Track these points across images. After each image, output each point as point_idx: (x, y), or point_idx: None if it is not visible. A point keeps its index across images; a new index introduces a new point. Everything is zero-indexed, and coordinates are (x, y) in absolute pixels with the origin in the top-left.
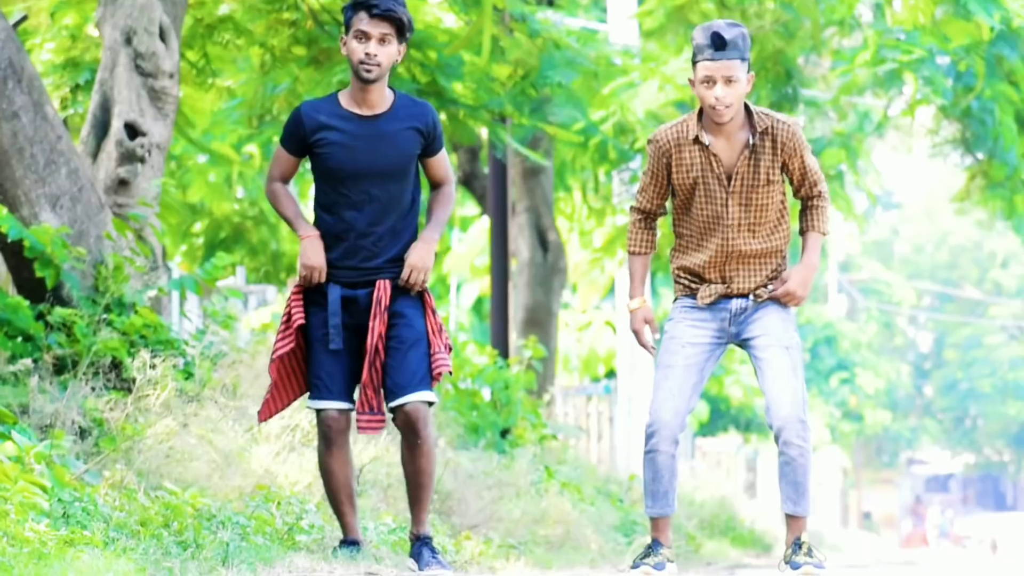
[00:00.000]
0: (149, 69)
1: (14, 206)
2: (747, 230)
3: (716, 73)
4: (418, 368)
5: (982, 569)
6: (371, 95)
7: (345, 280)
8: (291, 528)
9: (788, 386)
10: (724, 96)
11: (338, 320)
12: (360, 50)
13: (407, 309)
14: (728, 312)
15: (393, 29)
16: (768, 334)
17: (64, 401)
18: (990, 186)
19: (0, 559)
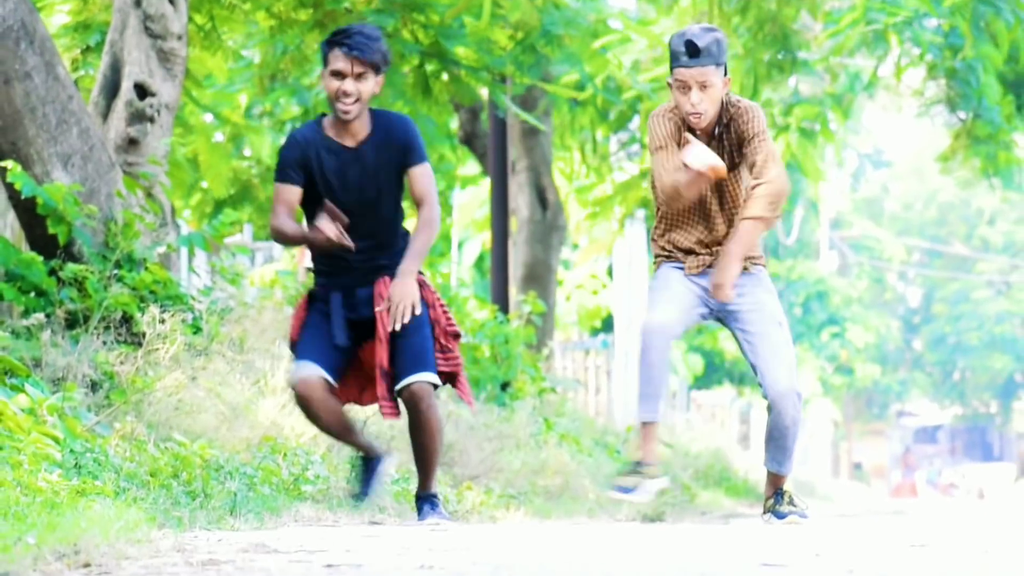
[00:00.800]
0: (158, 31)
1: (27, 164)
2: (724, 218)
3: (691, 79)
4: (420, 351)
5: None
6: (352, 126)
7: (344, 286)
8: (297, 478)
9: (785, 360)
10: (699, 102)
11: (340, 318)
12: (337, 87)
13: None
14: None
15: (368, 67)
16: (760, 310)
17: (76, 355)
18: (974, 144)
19: (14, 508)
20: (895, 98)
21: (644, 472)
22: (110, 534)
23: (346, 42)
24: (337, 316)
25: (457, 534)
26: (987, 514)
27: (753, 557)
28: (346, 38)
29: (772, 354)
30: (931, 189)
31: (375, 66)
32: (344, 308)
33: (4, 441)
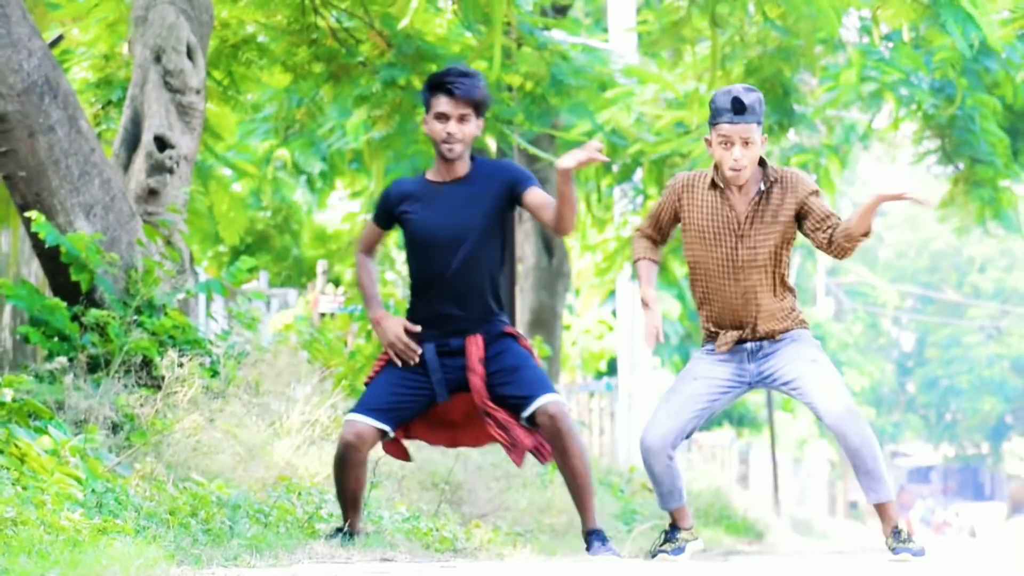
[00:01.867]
0: (177, 85)
1: (50, 214)
2: (759, 271)
3: (735, 135)
4: (536, 378)
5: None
6: (455, 167)
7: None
8: (311, 517)
9: (828, 387)
10: (741, 158)
11: (440, 375)
12: (442, 130)
13: (504, 344)
14: (745, 351)
15: (471, 108)
16: (791, 361)
17: (97, 398)
18: (973, 189)
19: (38, 546)
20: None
21: (682, 537)
22: (130, 571)
23: (449, 85)
24: (436, 372)
25: (466, 571)
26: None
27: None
28: (449, 81)
29: (815, 388)
30: (924, 238)
31: (477, 107)
32: (440, 361)
33: (28, 481)
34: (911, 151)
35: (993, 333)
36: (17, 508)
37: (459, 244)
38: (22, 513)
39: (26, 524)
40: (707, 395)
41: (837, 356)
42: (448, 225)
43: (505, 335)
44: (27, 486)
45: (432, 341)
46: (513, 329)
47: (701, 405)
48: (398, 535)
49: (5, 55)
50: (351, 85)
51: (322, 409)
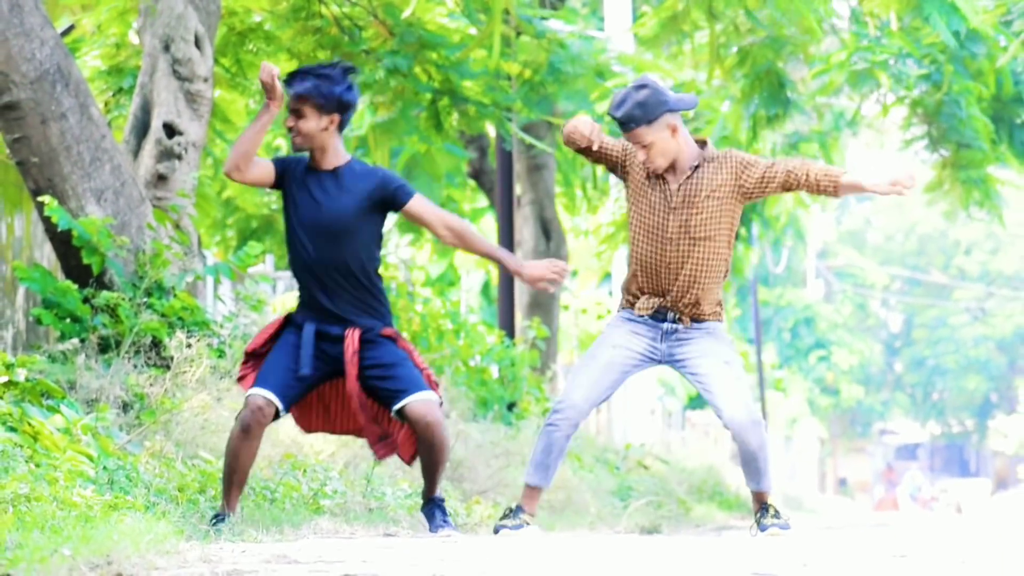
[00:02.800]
0: (185, 74)
1: (62, 199)
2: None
3: (633, 141)
4: (410, 376)
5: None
6: (324, 158)
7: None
8: (316, 493)
9: (735, 394)
10: (646, 159)
11: (310, 349)
12: (287, 122)
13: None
14: (661, 330)
15: (309, 105)
16: (705, 355)
17: (108, 377)
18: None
19: (51, 521)
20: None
21: (524, 518)
22: (140, 546)
23: (287, 82)
24: (308, 347)
25: (466, 545)
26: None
27: (744, 567)
28: (289, 78)
29: (724, 393)
30: (911, 221)
31: (319, 105)
32: (315, 340)
33: (41, 459)
34: (899, 137)
35: (978, 314)
36: (31, 485)
37: (324, 233)
38: (35, 489)
39: (39, 500)
40: (622, 365)
41: (827, 336)
42: (316, 211)
43: (384, 336)
44: (40, 463)
45: (313, 322)
46: (393, 331)
47: (615, 376)
48: (400, 511)
49: (18, 44)
50: None
51: None
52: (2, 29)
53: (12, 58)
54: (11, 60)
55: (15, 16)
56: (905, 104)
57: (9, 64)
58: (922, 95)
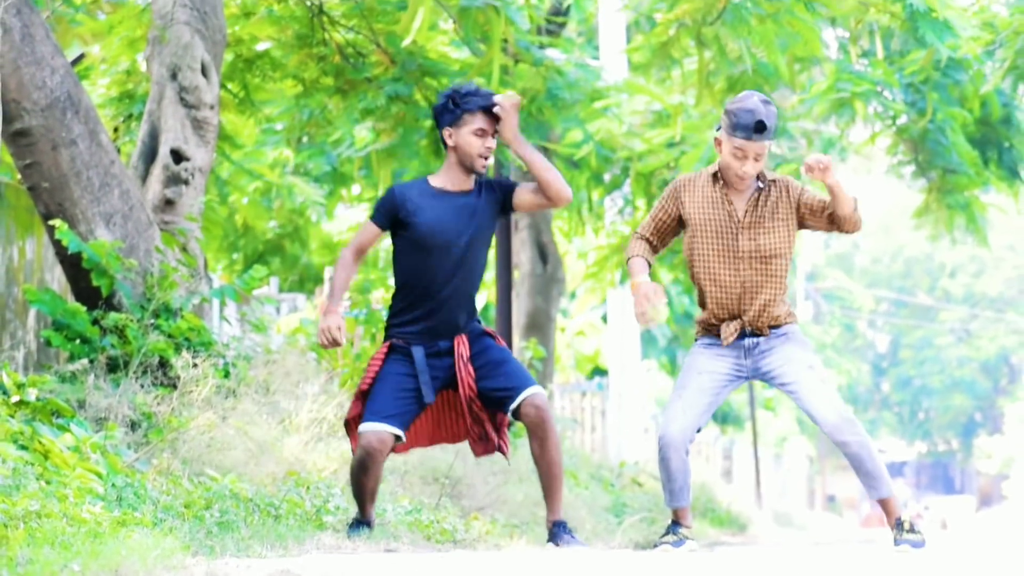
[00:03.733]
0: (192, 101)
1: (72, 223)
2: (759, 264)
3: (750, 151)
4: (520, 372)
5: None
6: (468, 180)
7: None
8: (319, 510)
9: (825, 396)
10: (751, 170)
11: (427, 376)
12: (480, 144)
13: (486, 342)
14: (743, 347)
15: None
16: (788, 362)
17: (117, 397)
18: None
19: (60, 537)
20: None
21: (683, 533)
22: (148, 561)
23: (491, 107)
24: (424, 374)
25: (465, 561)
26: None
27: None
28: (491, 103)
29: (813, 398)
30: (898, 245)
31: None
32: (428, 362)
33: (51, 476)
34: (885, 162)
35: (963, 335)
36: (41, 501)
37: (461, 250)
38: (46, 506)
39: (50, 517)
40: (712, 389)
41: None
42: (454, 231)
43: (485, 334)
44: (50, 481)
45: (421, 344)
46: (490, 328)
47: (709, 399)
48: (401, 527)
49: (30, 72)
50: (358, 98)
51: (329, 407)
52: (14, 58)
53: (24, 86)
54: (23, 88)
55: (27, 45)
56: (891, 133)
57: (21, 92)
58: (907, 124)
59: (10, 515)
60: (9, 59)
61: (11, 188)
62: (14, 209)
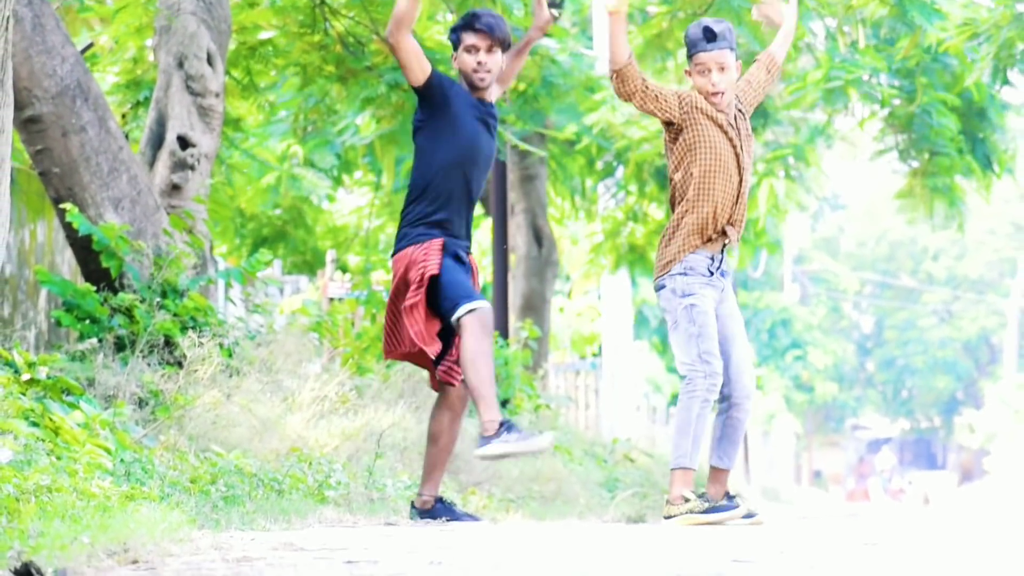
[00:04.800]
0: (198, 89)
1: (82, 207)
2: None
3: (711, 62)
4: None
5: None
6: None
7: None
8: (320, 485)
9: (750, 362)
10: (719, 82)
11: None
12: (472, 60)
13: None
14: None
15: (496, 42)
16: (733, 316)
17: (125, 375)
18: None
19: (70, 511)
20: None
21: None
22: (156, 534)
23: (476, 22)
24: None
25: (462, 533)
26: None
27: (724, 554)
28: (476, 18)
29: (742, 360)
30: (882, 229)
31: (501, 42)
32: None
33: (62, 452)
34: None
35: (945, 317)
36: (52, 476)
37: (481, 160)
38: (56, 481)
39: (60, 491)
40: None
41: (803, 337)
42: (481, 139)
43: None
44: (61, 456)
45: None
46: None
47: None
48: (400, 501)
49: (40, 61)
50: (359, 87)
51: (331, 386)
52: (25, 47)
53: (35, 74)
54: (34, 76)
55: (37, 35)
56: (879, 118)
57: (32, 80)
58: (895, 108)
59: (22, 489)
60: (21, 48)
61: (22, 173)
62: (25, 194)
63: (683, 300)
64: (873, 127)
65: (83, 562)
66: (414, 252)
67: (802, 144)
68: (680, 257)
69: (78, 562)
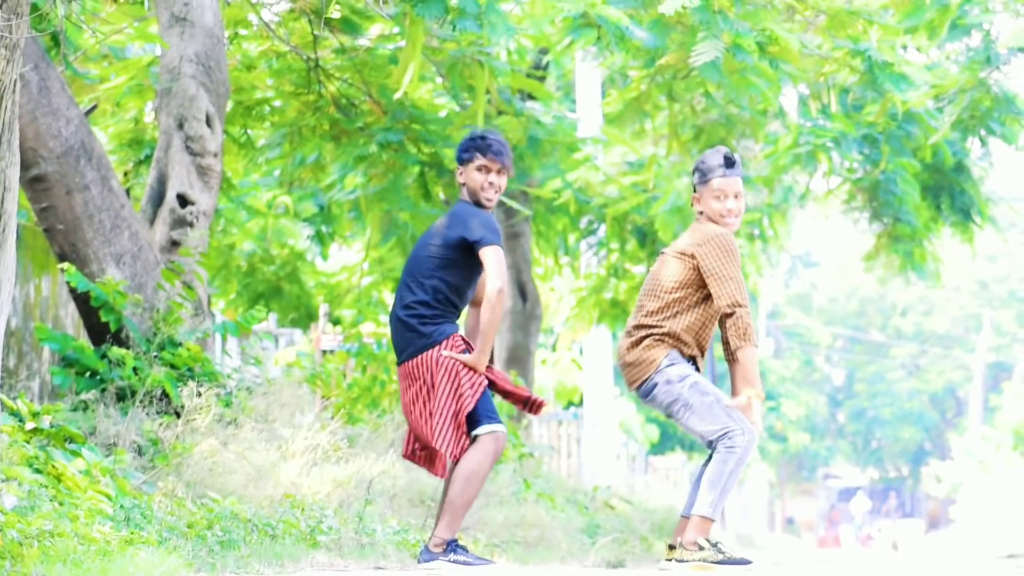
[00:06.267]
0: (197, 150)
1: (85, 262)
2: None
3: (729, 188)
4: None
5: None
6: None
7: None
8: (313, 530)
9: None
10: (735, 208)
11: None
12: (482, 179)
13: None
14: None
15: (505, 167)
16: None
17: (125, 424)
18: (895, 244)
19: (72, 555)
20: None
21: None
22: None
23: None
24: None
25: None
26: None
27: None
28: (488, 147)
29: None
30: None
31: (509, 168)
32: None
33: (64, 498)
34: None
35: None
36: (54, 522)
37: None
38: (58, 526)
39: (62, 536)
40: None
41: (776, 388)
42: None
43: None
44: (63, 502)
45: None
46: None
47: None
48: (389, 546)
49: (46, 123)
50: (351, 146)
51: (323, 434)
52: (31, 109)
53: (40, 135)
54: (40, 137)
55: (43, 97)
56: (847, 184)
57: (38, 140)
58: (862, 176)
59: (25, 534)
60: (27, 110)
61: (28, 229)
62: (31, 249)
63: (683, 383)
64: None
65: None
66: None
67: (775, 204)
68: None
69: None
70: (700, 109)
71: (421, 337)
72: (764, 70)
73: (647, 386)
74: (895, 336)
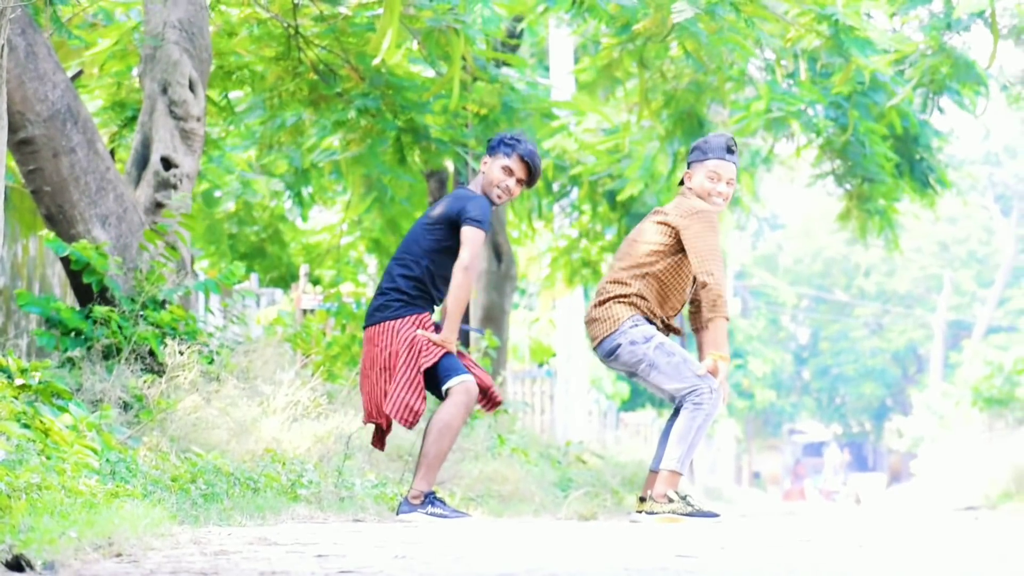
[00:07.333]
0: (181, 114)
1: (71, 224)
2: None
3: (724, 172)
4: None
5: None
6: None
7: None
8: (293, 484)
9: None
10: (724, 192)
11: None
12: (503, 180)
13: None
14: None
15: (530, 181)
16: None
17: (111, 381)
18: (864, 205)
19: (59, 507)
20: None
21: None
22: (138, 529)
23: (529, 159)
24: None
25: (427, 529)
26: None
27: (669, 550)
28: (531, 157)
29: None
30: (817, 247)
31: (532, 184)
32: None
33: (51, 452)
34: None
35: (876, 329)
36: (41, 475)
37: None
38: (46, 479)
39: (49, 489)
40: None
41: (743, 347)
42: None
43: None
44: (50, 456)
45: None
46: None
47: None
48: (368, 500)
49: (33, 87)
50: (330, 111)
51: (303, 391)
52: (19, 74)
53: (28, 99)
54: (27, 101)
55: (30, 62)
56: (815, 145)
57: (25, 104)
58: (830, 137)
59: (13, 487)
60: (14, 75)
61: (16, 191)
62: (18, 211)
63: (648, 343)
64: (810, 154)
65: (70, 555)
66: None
67: (743, 168)
68: (628, 315)
69: (66, 555)
70: (671, 76)
71: (392, 309)
72: (741, 27)
73: (610, 346)
74: (858, 296)
